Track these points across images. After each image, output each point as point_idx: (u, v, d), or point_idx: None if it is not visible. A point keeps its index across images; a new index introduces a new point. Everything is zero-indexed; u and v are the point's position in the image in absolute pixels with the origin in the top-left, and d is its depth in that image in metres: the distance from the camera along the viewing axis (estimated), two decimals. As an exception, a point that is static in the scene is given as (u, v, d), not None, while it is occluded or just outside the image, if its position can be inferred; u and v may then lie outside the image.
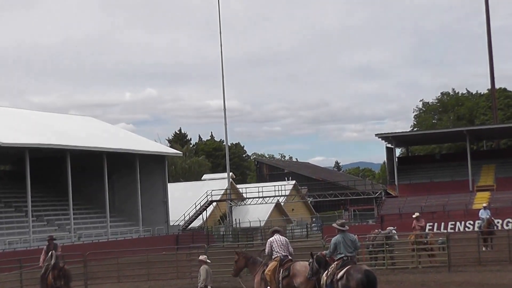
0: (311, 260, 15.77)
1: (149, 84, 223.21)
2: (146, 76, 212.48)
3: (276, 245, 16.86)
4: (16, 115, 55.89)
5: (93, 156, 53.17)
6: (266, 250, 17.00)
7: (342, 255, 15.04)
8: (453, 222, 51.85)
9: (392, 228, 29.81)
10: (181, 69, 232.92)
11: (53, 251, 21.64)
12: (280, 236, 17.18)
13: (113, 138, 59.06)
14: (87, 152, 52.01)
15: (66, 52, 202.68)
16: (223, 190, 67.98)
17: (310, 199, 76.47)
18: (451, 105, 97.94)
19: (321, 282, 15.26)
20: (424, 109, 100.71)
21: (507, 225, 48.84)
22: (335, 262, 15.13)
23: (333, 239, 15.34)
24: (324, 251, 16.02)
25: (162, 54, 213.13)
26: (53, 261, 21.42)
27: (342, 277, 14.70)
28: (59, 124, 58.18)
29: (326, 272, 15.20)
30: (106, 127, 66.92)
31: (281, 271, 16.39)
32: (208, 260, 18.30)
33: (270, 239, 17.10)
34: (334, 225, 15.55)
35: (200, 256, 18.75)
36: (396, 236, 29.18)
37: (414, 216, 30.67)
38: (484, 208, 36.19)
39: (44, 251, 22.09)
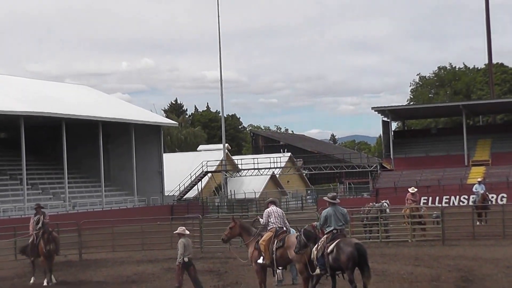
0: (297, 233, 15.78)
1: (146, 54, 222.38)
2: (143, 46, 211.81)
3: (273, 216, 16.87)
4: (11, 83, 55.58)
5: (89, 125, 53.05)
6: (263, 221, 16.98)
7: (332, 228, 15.07)
8: (448, 196, 52.05)
9: (384, 201, 29.85)
10: (178, 39, 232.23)
11: (41, 217, 21.53)
12: (277, 208, 17.18)
13: (108, 108, 58.85)
14: (82, 121, 51.87)
15: (63, 21, 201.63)
16: (219, 161, 67.97)
17: (306, 172, 76.52)
18: (448, 79, 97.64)
19: (311, 256, 15.25)
20: (420, 83, 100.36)
21: (501, 200, 48.97)
22: (325, 236, 15.15)
23: (324, 212, 15.40)
24: (315, 222, 16.04)
25: (159, 25, 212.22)
26: (39, 226, 21.33)
27: (332, 250, 14.72)
28: (55, 92, 57.91)
29: (316, 246, 15.19)
30: (102, 96, 66.70)
31: (276, 242, 16.39)
32: (186, 231, 17.20)
33: (268, 209, 17.08)
34: (325, 198, 15.61)
35: (178, 229, 17.15)
36: (388, 210, 29.19)
37: (410, 190, 30.58)
38: (479, 182, 36.20)
39: (32, 219, 21.95)
